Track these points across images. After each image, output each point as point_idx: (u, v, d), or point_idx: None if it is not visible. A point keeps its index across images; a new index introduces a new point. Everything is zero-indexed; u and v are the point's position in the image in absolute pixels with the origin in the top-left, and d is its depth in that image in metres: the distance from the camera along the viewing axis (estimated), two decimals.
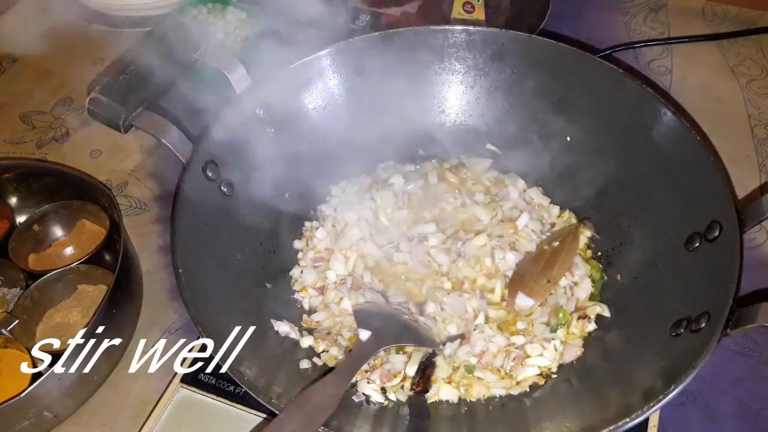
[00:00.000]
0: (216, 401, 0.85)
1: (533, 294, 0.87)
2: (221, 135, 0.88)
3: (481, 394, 0.81)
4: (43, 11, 1.45)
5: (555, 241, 0.92)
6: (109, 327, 0.85)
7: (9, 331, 0.87)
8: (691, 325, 0.73)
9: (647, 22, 1.34)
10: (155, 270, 1.01)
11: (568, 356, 0.83)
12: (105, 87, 0.82)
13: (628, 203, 0.91)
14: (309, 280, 0.92)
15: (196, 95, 1.17)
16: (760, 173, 1.08)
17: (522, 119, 1.02)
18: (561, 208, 0.98)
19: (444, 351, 0.83)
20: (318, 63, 0.97)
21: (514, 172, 1.02)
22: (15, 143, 1.21)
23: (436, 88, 1.04)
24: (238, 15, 1.28)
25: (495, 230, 0.94)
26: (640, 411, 0.66)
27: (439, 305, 0.87)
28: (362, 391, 0.81)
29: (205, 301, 0.76)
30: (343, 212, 0.96)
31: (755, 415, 0.83)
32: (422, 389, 0.81)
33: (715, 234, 0.76)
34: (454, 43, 1.00)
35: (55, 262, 1.00)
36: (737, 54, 1.27)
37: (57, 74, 1.32)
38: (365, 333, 0.80)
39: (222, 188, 0.88)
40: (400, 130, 1.05)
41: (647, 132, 0.88)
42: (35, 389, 0.77)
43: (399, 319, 0.85)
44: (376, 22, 1.31)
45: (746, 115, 1.17)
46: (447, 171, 1.02)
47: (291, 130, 0.97)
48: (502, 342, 0.84)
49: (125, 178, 1.15)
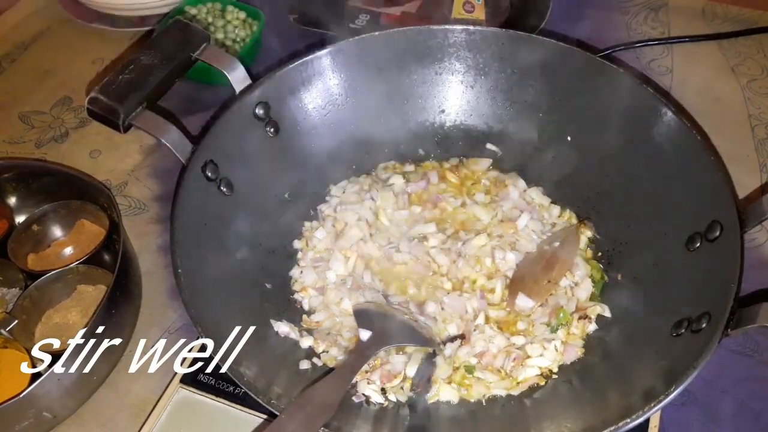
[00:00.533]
0: (216, 401, 0.85)
1: (534, 295, 0.87)
2: (221, 135, 0.88)
3: (481, 394, 0.81)
4: (43, 11, 1.45)
5: (555, 242, 0.92)
6: (109, 327, 0.85)
7: (8, 331, 0.87)
8: (692, 326, 0.73)
9: (647, 21, 1.34)
10: (155, 270, 1.01)
11: (568, 357, 0.83)
12: (104, 87, 0.82)
13: (629, 203, 0.91)
14: (309, 280, 0.92)
15: (196, 95, 1.17)
16: (760, 173, 1.08)
17: (522, 119, 1.02)
18: (561, 208, 0.98)
19: (444, 351, 0.83)
20: (318, 63, 0.97)
21: (514, 172, 1.02)
22: (14, 143, 1.21)
23: (436, 88, 1.04)
24: (238, 15, 1.28)
25: (495, 230, 0.93)
26: (641, 411, 0.66)
27: (439, 305, 0.87)
28: (362, 392, 0.80)
29: (205, 301, 0.76)
30: (343, 212, 0.96)
31: (756, 415, 0.83)
32: (422, 390, 0.80)
33: (716, 234, 0.76)
34: (454, 43, 1.00)
35: (54, 262, 1.00)
36: (738, 54, 1.26)
37: (56, 74, 1.31)
38: (366, 333, 0.80)
39: (222, 188, 0.88)
40: (400, 130, 1.05)
41: (648, 132, 0.88)
42: (35, 389, 0.77)
43: (399, 319, 0.85)
44: (376, 22, 1.30)
45: (747, 115, 1.16)
46: (447, 171, 1.02)
47: (291, 130, 0.97)
48: (502, 342, 0.84)
49: (125, 178, 1.14)
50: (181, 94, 1.17)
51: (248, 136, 0.92)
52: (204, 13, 1.27)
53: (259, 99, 0.92)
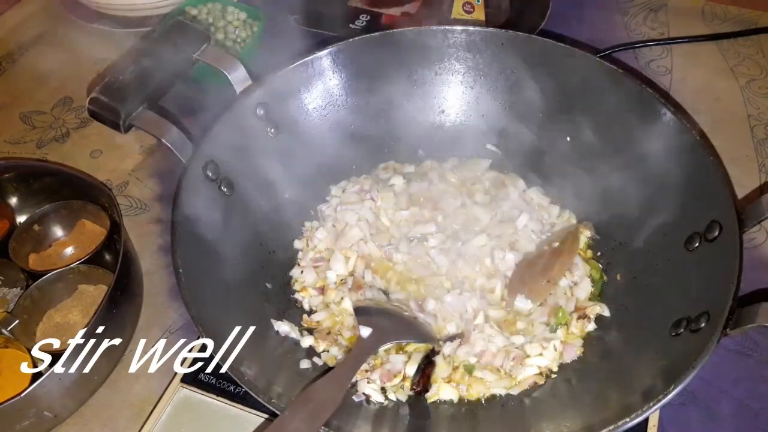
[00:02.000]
0: (216, 401, 0.85)
1: (533, 294, 0.87)
2: (221, 135, 0.88)
3: (480, 393, 0.81)
4: (43, 11, 1.45)
5: (555, 242, 0.92)
6: (109, 327, 0.85)
7: (9, 331, 0.87)
8: (691, 325, 0.73)
9: (647, 22, 1.35)
10: (155, 270, 1.01)
11: (567, 356, 0.83)
12: (105, 87, 0.82)
13: (628, 203, 0.91)
14: (309, 280, 0.92)
15: (196, 95, 1.17)
16: (759, 173, 1.08)
17: (522, 119, 1.02)
18: (560, 208, 0.98)
19: (443, 350, 0.83)
20: (318, 63, 0.97)
21: (513, 172, 1.02)
22: (15, 143, 1.21)
23: (436, 88, 1.04)
24: (238, 15, 1.28)
25: (494, 230, 0.94)
26: (640, 411, 0.66)
27: (439, 302, 0.87)
28: (362, 391, 0.81)
29: (205, 301, 0.76)
30: (344, 212, 0.96)
31: (755, 414, 0.83)
32: (422, 389, 0.81)
33: (715, 234, 0.76)
34: (454, 43, 1.00)
35: (55, 262, 1.00)
36: (737, 54, 1.27)
37: (57, 74, 1.32)
38: (366, 330, 0.80)
39: (222, 188, 0.88)
40: (400, 130, 1.05)
41: (647, 132, 0.88)
42: (35, 389, 0.77)
43: (399, 316, 0.85)
44: (376, 22, 1.31)
45: (746, 115, 1.17)
46: (447, 171, 1.02)
47: (291, 130, 0.98)
48: (501, 342, 0.84)
49: (125, 178, 1.15)
50: (181, 95, 1.17)
51: (249, 136, 0.92)
52: (204, 14, 1.27)
53: (259, 99, 0.92)
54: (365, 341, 0.80)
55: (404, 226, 0.96)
